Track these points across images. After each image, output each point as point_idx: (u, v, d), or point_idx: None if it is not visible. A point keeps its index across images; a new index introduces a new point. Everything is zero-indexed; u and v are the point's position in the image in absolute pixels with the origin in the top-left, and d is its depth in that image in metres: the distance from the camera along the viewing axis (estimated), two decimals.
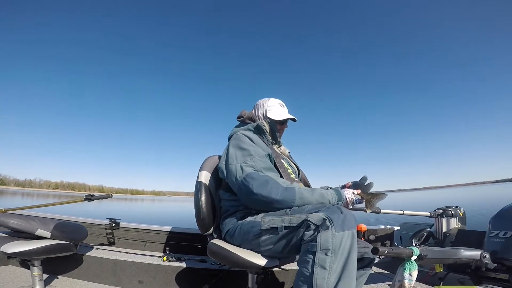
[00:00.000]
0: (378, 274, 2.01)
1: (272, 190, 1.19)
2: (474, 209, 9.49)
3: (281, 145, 1.70)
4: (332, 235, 0.99)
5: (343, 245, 0.99)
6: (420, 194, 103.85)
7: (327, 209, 1.09)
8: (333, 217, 1.03)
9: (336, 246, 0.98)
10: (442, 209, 2.27)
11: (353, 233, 1.03)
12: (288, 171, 1.44)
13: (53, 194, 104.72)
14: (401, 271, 1.15)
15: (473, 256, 1.38)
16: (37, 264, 1.72)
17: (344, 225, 1.02)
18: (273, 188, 1.20)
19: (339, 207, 1.10)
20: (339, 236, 0.99)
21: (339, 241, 0.99)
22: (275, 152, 1.49)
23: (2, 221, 1.67)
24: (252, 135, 1.45)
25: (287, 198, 1.19)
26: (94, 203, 2.48)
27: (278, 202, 1.19)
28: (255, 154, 1.32)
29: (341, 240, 0.99)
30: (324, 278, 0.96)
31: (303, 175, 1.62)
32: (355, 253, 1.01)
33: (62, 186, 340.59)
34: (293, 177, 1.45)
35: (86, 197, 2.24)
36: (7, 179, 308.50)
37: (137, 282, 1.99)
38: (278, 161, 1.41)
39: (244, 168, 1.27)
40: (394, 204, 25.74)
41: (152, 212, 23.23)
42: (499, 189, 71.49)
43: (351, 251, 1.00)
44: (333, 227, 1.01)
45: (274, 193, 1.19)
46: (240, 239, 1.29)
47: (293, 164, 1.62)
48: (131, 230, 2.55)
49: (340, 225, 1.01)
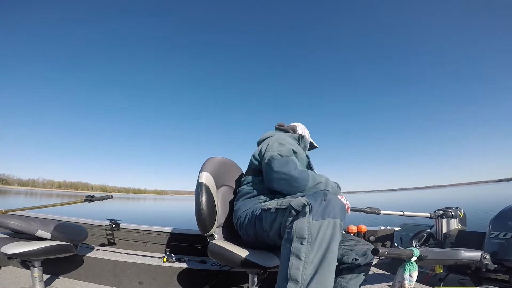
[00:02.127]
0: (378, 275, 2.01)
1: (291, 168, 1.30)
2: (474, 210, 9.49)
3: None
4: (308, 223, 0.93)
5: (321, 234, 0.91)
6: (422, 193, 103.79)
7: (313, 194, 1.03)
8: (314, 203, 0.97)
9: (313, 235, 0.91)
10: (442, 210, 2.27)
11: (335, 222, 0.93)
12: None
13: (56, 194, 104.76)
14: (401, 272, 1.15)
15: (473, 257, 1.38)
16: (38, 265, 1.72)
17: (325, 213, 0.94)
18: (292, 167, 1.31)
19: (325, 193, 1.01)
20: (316, 224, 0.92)
21: (316, 230, 0.91)
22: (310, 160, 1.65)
23: (3, 222, 1.68)
24: (294, 140, 1.65)
25: (302, 176, 1.28)
26: (94, 204, 2.48)
27: (296, 179, 1.28)
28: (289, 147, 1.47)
29: (319, 229, 0.91)
30: (298, 268, 0.89)
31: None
32: (335, 245, 0.92)
33: (65, 186, 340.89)
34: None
35: (86, 198, 2.24)
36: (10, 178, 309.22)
37: (137, 283, 1.99)
38: (312, 166, 1.60)
39: (273, 155, 1.39)
40: (395, 204, 25.67)
41: (152, 213, 23.22)
42: (500, 188, 71.43)
43: (331, 242, 0.92)
44: (311, 215, 0.94)
45: (293, 171, 1.29)
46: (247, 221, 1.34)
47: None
48: (131, 231, 2.55)
49: (320, 212, 0.94)
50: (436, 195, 54.50)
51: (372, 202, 5.53)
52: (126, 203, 46.27)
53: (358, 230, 2.50)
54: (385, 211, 2.28)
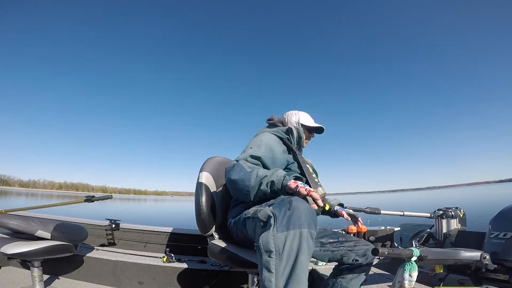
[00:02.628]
0: (378, 275, 2.01)
1: (232, 173, 1.20)
2: (474, 210, 9.49)
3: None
4: (273, 236, 0.89)
5: (288, 246, 0.87)
6: (422, 194, 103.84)
7: (278, 203, 0.99)
8: (278, 214, 0.92)
9: (280, 248, 0.87)
10: (442, 210, 2.27)
11: (301, 232, 0.88)
12: (312, 175, 1.42)
13: (57, 195, 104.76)
14: (401, 272, 1.15)
15: (473, 257, 1.38)
16: (37, 265, 1.72)
17: (290, 224, 0.89)
18: (234, 172, 1.20)
19: (290, 201, 0.95)
20: (282, 236, 0.88)
21: (282, 242, 0.87)
22: (300, 157, 1.48)
23: (2, 222, 1.68)
24: (273, 139, 1.46)
25: (241, 178, 1.15)
26: (94, 204, 2.48)
27: (235, 182, 1.17)
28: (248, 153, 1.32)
29: (285, 241, 0.87)
30: (270, 281, 0.87)
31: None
32: (303, 255, 0.87)
33: (66, 187, 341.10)
34: (317, 180, 1.43)
35: (86, 198, 2.24)
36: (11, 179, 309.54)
37: (137, 283, 1.99)
38: (304, 166, 1.42)
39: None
40: (396, 205, 25.66)
41: (153, 213, 23.22)
42: (501, 189, 71.44)
43: (299, 253, 0.87)
44: (275, 227, 0.90)
45: (233, 175, 1.18)
46: (236, 227, 1.29)
47: (314, 170, 1.62)
48: (131, 231, 2.55)
49: (285, 223, 0.89)
50: (436, 196, 54.51)
51: (372, 202, 5.58)
52: (126, 204, 46.25)
53: (358, 230, 2.50)
54: (385, 211, 2.28)
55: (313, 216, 0.93)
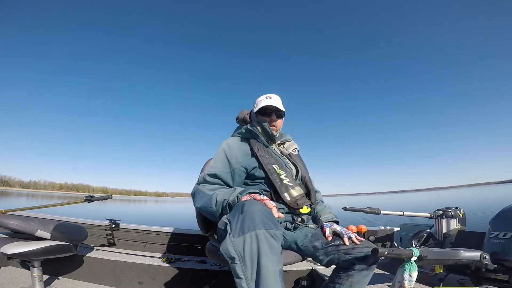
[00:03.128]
0: (378, 275, 2.01)
1: (196, 200, 1.26)
2: (474, 210, 9.50)
3: (287, 140, 1.56)
4: (231, 243, 0.88)
5: (248, 250, 0.85)
6: (423, 195, 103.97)
7: (233, 209, 0.99)
8: (232, 220, 0.92)
9: (241, 253, 0.86)
10: (442, 210, 2.27)
11: (257, 234, 0.85)
12: (281, 176, 1.31)
13: (58, 195, 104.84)
14: (401, 272, 1.15)
15: (473, 257, 1.38)
16: (37, 265, 1.72)
17: (244, 227, 0.87)
18: (197, 199, 1.25)
19: (242, 205, 0.94)
20: (240, 241, 0.87)
21: (241, 247, 0.86)
22: (266, 156, 1.36)
23: (2, 222, 1.67)
24: (233, 146, 1.39)
25: (206, 203, 1.18)
26: (94, 204, 2.48)
27: (200, 209, 1.23)
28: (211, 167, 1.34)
29: (244, 246, 0.86)
30: (243, 286, 0.86)
31: (306, 175, 1.46)
32: (266, 257, 0.85)
33: (66, 188, 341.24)
34: (286, 182, 1.31)
35: (86, 198, 2.24)
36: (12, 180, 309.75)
37: (137, 283, 1.99)
38: (268, 168, 1.32)
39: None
40: (396, 205, 25.69)
41: (153, 213, 23.22)
42: (501, 190, 71.51)
43: (260, 255, 0.85)
44: (231, 234, 0.89)
45: (196, 202, 1.25)
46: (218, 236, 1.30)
47: (292, 164, 1.46)
48: (131, 231, 2.55)
49: (239, 228, 0.88)
50: (437, 196, 54.50)
51: (373, 203, 5.57)
52: (126, 204, 46.25)
53: (358, 230, 2.50)
54: (384, 211, 2.29)
55: (269, 216, 0.92)
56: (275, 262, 0.87)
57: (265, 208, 0.95)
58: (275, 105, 1.42)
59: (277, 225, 0.92)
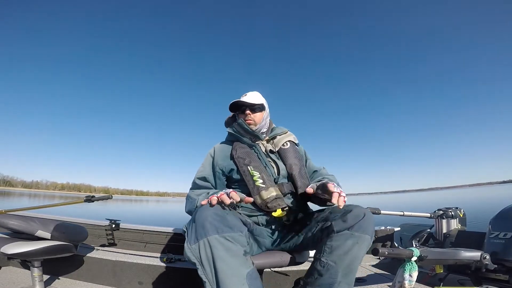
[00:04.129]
0: (378, 275, 2.01)
1: (186, 205, 1.30)
2: (474, 210, 9.50)
3: (278, 134, 1.45)
4: (189, 249, 0.92)
5: (204, 256, 0.89)
6: (424, 194, 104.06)
7: (191, 217, 1.02)
8: (188, 228, 0.97)
9: (198, 258, 0.90)
10: (442, 210, 2.27)
11: (209, 240, 0.88)
12: (254, 177, 1.26)
13: (59, 195, 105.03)
14: (401, 272, 1.16)
15: (473, 257, 1.38)
16: (37, 265, 1.72)
17: (198, 235, 0.91)
18: (187, 203, 1.30)
19: (196, 212, 0.98)
20: (195, 248, 0.91)
21: (197, 253, 0.90)
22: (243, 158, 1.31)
23: (2, 222, 1.67)
24: (217, 148, 1.43)
25: (191, 208, 1.23)
26: (95, 204, 2.48)
27: (189, 213, 1.25)
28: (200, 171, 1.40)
29: (199, 252, 0.90)
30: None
31: (296, 171, 1.33)
32: (221, 262, 0.87)
33: (68, 188, 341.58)
34: (258, 183, 1.24)
35: (86, 198, 2.24)
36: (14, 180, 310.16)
37: (137, 283, 1.99)
38: (244, 169, 1.28)
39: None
40: (396, 205, 25.75)
41: (154, 213, 23.24)
42: (503, 190, 71.48)
43: (215, 261, 0.87)
44: (187, 241, 0.94)
45: (186, 207, 1.29)
46: None
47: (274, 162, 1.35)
48: (131, 231, 2.55)
49: (194, 235, 0.92)
50: (437, 196, 54.50)
51: (374, 203, 5.56)
52: (127, 204, 46.30)
53: None
54: (385, 211, 2.28)
55: (221, 219, 0.93)
56: (238, 265, 0.89)
57: (217, 212, 0.95)
58: (246, 100, 1.38)
59: (233, 227, 0.93)
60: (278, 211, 1.22)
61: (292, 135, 1.48)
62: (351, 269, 1.00)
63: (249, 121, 1.40)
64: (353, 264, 1.00)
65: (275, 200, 1.22)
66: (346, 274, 1.00)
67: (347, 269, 1.00)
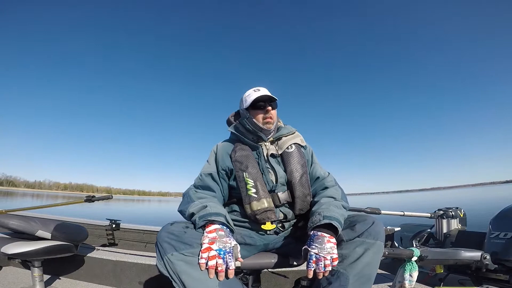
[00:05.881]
0: (378, 275, 2.01)
1: (181, 203, 1.24)
2: (475, 210, 9.50)
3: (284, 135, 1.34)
4: (159, 264, 0.95)
5: (170, 271, 0.92)
6: (425, 194, 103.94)
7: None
8: (157, 245, 0.98)
9: (168, 274, 0.93)
10: (443, 210, 2.27)
11: (168, 259, 0.92)
12: (247, 186, 1.18)
13: (62, 195, 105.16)
14: (402, 272, 1.16)
15: (473, 257, 1.38)
16: (38, 265, 1.72)
17: (161, 253, 0.94)
18: (182, 202, 1.24)
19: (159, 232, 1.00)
20: (162, 265, 0.94)
21: (165, 268, 0.93)
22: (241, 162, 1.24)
23: (3, 222, 1.68)
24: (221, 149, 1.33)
25: (184, 209, 1.16)
26: (95, 204, 2.49)
27: (180, 213, 1.21)
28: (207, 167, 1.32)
29: (166, 268, 0.93)
30: None
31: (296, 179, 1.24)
32: (185, 275, 0.91)
33: (71, 188, 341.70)
34: (250, 192, 1.18)
35: (87, 198, 2.25)
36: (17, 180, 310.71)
37: (137, 283, 1.99)
38: (239, 175, 1.21)
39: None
40: (397, 205, 25.66)
41: (155, 213, 23.25)
42: (505, 189, 71.31)
43: (179, 276, 0.91)
44: (157, 257, 0.96)
45: (180, 206, 1.23)
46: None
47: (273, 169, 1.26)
48: (131, 231, 2.55)
49: (162, 252, 0.94)
50: (438, 196, 54.41)
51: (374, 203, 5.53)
52: (128, 204, 46.32)
53: None
54: (385, 211, 2.28)
55: (177, 238, 0.95)
56: (205, 278, 0.91)
57: (173, 231, 0.97)
58: (268, 95, 1.27)
59: (192, 243, 0.94)
60: (268, 224, 1.17)
61: (299, 137, 1.37)
62: (365, 276, 0.97)
63: (269, 119, 1.28)
64: (366, 271, 0.97)
65: (264, 213, 1.16)
66: (362, 283, 0.96)
67: (360, 276, 0.96)
